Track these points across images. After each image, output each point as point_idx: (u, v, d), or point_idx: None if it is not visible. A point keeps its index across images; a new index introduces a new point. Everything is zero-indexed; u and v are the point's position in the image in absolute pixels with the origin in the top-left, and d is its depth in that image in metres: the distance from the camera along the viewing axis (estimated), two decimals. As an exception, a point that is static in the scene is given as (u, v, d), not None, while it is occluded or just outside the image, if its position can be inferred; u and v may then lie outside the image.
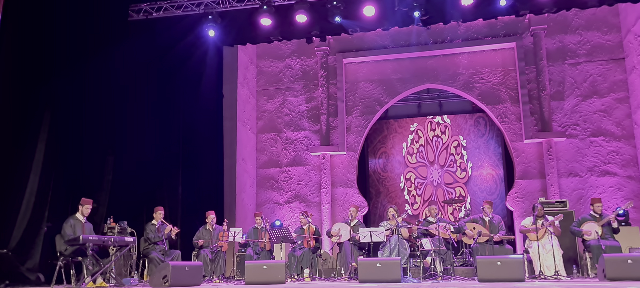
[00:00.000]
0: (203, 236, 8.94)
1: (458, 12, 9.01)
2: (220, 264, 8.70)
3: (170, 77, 9.99)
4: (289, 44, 11.98)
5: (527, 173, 10.76)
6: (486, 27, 11.21)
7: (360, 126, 11.72)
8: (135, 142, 9.37)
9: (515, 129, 10.93)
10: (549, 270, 7.70)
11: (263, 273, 7.39)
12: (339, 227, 8.99)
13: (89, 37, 8.82)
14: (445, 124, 11.85)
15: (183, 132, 10.10)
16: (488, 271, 6.96)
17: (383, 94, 11.72)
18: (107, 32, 9.12)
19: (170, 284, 6.83)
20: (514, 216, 10.67)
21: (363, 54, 11.81)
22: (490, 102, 11.16)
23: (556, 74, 10.89)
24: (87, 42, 8.79)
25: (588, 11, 10.50)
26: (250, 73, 12.04)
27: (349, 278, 8.34)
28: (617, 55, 10.65)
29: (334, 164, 11.69)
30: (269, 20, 9.34)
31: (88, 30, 8.81)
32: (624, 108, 10.47)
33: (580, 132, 10.62)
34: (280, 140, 12.06)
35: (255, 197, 11.88)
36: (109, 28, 9.21)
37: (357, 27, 9.38)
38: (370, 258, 7.97)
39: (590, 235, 7.87)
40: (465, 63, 11.40)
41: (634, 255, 6.94)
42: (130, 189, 9.09)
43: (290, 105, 12.14)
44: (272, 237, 8.67)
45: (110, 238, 7.46)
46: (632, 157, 10.27)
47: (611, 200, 10.11)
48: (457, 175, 11.58)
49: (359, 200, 11.36)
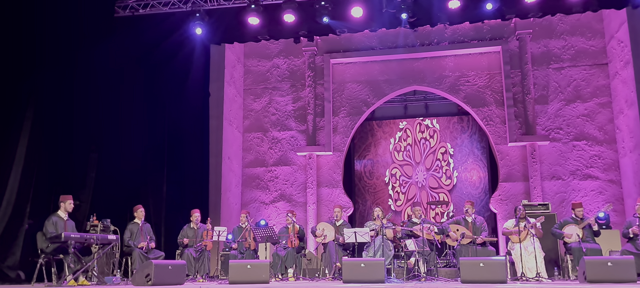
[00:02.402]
0: (187, 235, 8.90)
1: (445, 14, 9.07)
2: (204, 263, 8.67)
3: (156, 75, 9.93)
4: (277, 43, 11.96)
5: (511, 176, 10.86)
6: (473, 31, 11.30)
7: (347, 127, 11.74)
8: (120, 139, 9.30)
9: (500, 132, 11.03)
10: (530, 271, 7.78)
11: (247, 272, 7.37)
12: (324, 226, 9.00)
13: (73, 33, 8.74)
14: (434, 128, 11.92)
15: (168, 130, 10.04)
16: (471, 272, 7.01)
17: (370, 95, 11.76)
18: (92, 28, 9.05)
19: (153, 283, 6.78)
20: (498, 218, 10.76)
21: (350, 55, 11.84)
22: (476, 104, 11.24)
23: (541, 78, 11.01)
24: (72, 38, 8.71)
25: (573, 16, 10.62)
26: (238, 72, 12.01)
27: (333, 279, 8.36)
28: (601, 60, 10.79)
29: (320, 164, 11.70)
30: (256, 19, 9.33)
31: (73, 26, 8.73)
32: (607, 113, 10.61)
33: (563, 136, 10.74)
34: (267, 140, 12.04)
35: (241, 196, 11.85)
36: (94, 24, 9.14)
37: (345, 28, 9.41)
38: (355, 258, 7.99)
39: (572, 238, 7.97)
40: (451, 66, 11.48)
41: (614, 257, 7.06)
42: (114, 187, 9.02)
43: (277, 104, 12.13)
44: (256, 236, 8.66)
45: (92, 236, 7.41)
46: (614, 161, 10.42)
47: (593, 204, 10.24)
48: (442, 181, 11.65)
49: (345, 200, 11.39)
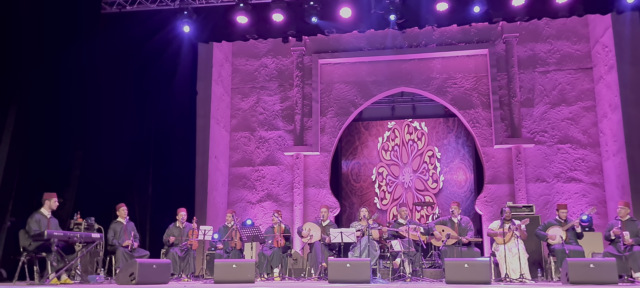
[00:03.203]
0: (173, 233, 8.85)
1: (433, 17, 9.13)
2: (189, 262, 8.62)
3: (143, 72, 9.87)
4: (265, 42, 11.93)
5: (497, 178, 10.95)
6: (460, 33, 11.37)
7: (335, 127, 11.76)
8: (106, 137, 9.22)
9: (486, 134, 11.12)
10: (514, 273, 7.85)
11: (232, 272, 7.35)
12: (310, 227, 9.00)
13: (59, 29, 8.65)
14: (422, 130, 11.98)
15: (155, 128, 9.98)
16: (455, 273, 7.06)
17: (358, 96, 11.78)
18: (78, 24, 8.96)
19: (138, 282, 6.73)
20: (483, 220, 10.84)
21: (339, 55, 11.85)
22: (463, 107, 11.32)
23: (526, 81, 11.12)
24: (57, 34, 8.62)
25: (559, 21, 10.73)
26: (225, 71, 11.97)
27: (318, 278, 8.36)
28: (586, 64, 10.92)
29: (307, 164, 11.70)
30: (245, 18, 9.31)
31: (58, 22, 8.64)
32: (591, 116, 10.74)
33: (548, 139, 10.85)
34: (254, 139, 12.02)
35: (227, 196, 11.81)
36: (81, 20, 9.05)
37: (334, 28, 9.41)
38: (340, 258, 8.00)
39: (555, 240, 8.06)
40: (439, 68, 11.54)
41: (596, 259, 7.15)
42: (99, 185, 8.95)
43: (265, 104, 12.10)
44: (242, 235, 8.63)
45: (76, 234, 7.34)
46: (597, 164, 10.55)
47: (576, 206, 10.36)
48: (428, 184, 11.71)
49: (331, 201, 11.40)
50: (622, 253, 7.57)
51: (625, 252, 7.57)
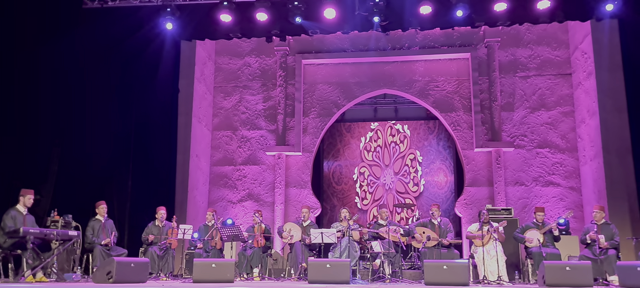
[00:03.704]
0: (152, 232, 8.78)
1: (416, 20, 9.17)
2: (168, 262, 8.56)
3: (124, 69, 9.77)
4: (249, 41, 11.89)
5: (476, 180, 11.06)
6: (443, 37, 11.46)
7: (317, 128, 11.76)
8: (85, 133, 9.12)
9: (467, 137, 11.22)
10: (492, 275, 7.94)
11: (212, 271, 7.31)
12: (290, 227, 8.99)
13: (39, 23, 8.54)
14: (405, 133, 12.05)
15: (135, 125, 9.89)
16: (434, 275, 7.12)
17: (340, 97, 11.80)
18: (59, 19, 8.86)
19: (115, 280, 6.66)
20: (462, 222, 10.94)
21: (322, 56, 11.86)
22: (444, 109, 11.41)
23: (507, 85, 11.25)
24: (37, 28, 8.51)
25: (539, 27, 10.89)
26: (208, 69, 11.90)
27: (298, 279, 8.35)
28: (565, 70, 11.09)
29: (289, 165, 11.69)
30: (228, 17, 9.26)
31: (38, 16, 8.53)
32: (569, 122, 10.91)
33: (527, 143, 11.00)
34: (236, 138, 11.96)
35: (208, 195, 11.74)
36: (62, 15, 8.94)
37: (317, 29, 9.42)
38: (320, 259, 8.01)
39: (532, 243, 8.17)
40: (421, 70, 11.62)
41: (572, 262, 7.26)
42: (77, 182, 8.84)
43: (248, 103, 12.06)
44: (223, 235, 8.59)
45: (52, 231, 7.23)
46: (575, 169, 10.71)
47: (554, 210, 10.51)
48: (409, 187, 11.79)
49: (313, 201, 11.40)
50: (597, 257, 7.71)
51: (601, 255, 7.71)
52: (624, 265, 6.96)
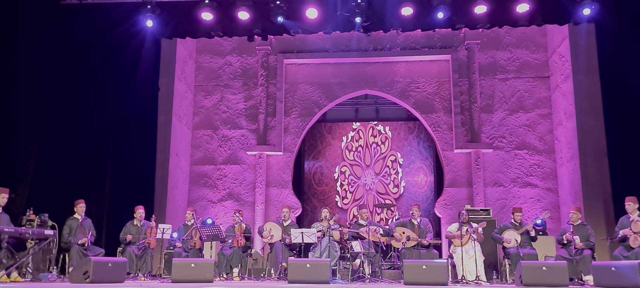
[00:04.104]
0: (130, 231, 8.68)
1: (398, 21, 9.23)
2: (147, 261, 8.47)
3: (103, 66, 9.64)
4: (230, 40, 11.83)
5: (456, 181, 11.16)
6: (424, 38, 11.55)
7: (298, 127, 11.75)
8: (62, 131, 8.99)
9: (447, 139, 11.31)
10: (470, 274, 8.02)
11: (191, 271, 7.25)
12: (271, 226, 8.97)
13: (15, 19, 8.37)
14: (386, 135, 12.10)
15: (114, 123, 9.77)
16: (414, 274, 7.17)
17: (322, 97, 11.81)
18: (36, 14, 8.70)
19: (92, 280, 6.57)
20: (442, 222, 11.03)
21: (304, 56, 11.85)
22: (425, 111, 11.49)
23: (487, 87, 11.37)
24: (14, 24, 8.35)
25: (519, 30, 11.03)
26: (189, 67, 11.81)
27: (278, 279, 8.34)
28: (543, 73, 11.25)
29: (270, 164, 11.66)
30: (210, 15, 9.20)
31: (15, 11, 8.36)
32: (547, 124, 11.07)
33: (506, 145, 11.13)
34: (217, 138, 11.89)
35: (188, 194, 11.65)
36: (39, 11, 8.78)
37: (299, 29, 9.41)
38: (301, 259, 8.00)
39: (510, 243, 8.27)
40: (402, 71, 11.69)
41: (548, 262, 7.37)
42: (54, 180, 8.71)
43: (229, 102, 11.99)
44: (202, 234, 8.53)
45: (28, 230, 7.11)
46: (552, 170, 10.88)
47: (531, 210, 10.66)
48: (389, 188, 11.85)
49: (293, 201, 11.38)
50: (573, 257, 7.83)
51: (576, 255, 7.84)
52: (598, 265, 7.09)
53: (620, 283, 6.52)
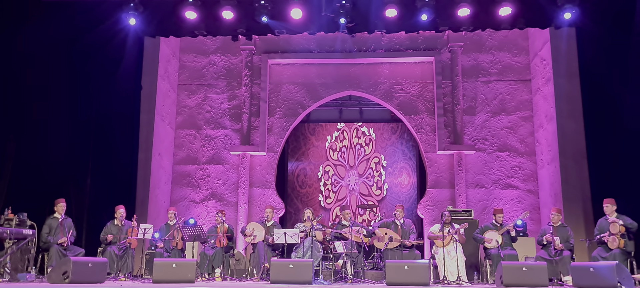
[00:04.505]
0: (111, 231, 8.59)
1: (382, 22, 9.25)
2: (127, 261, 8.39)
3: (84, 64, 9.52)
4: (214, 40, 11.78)
5: (439, 182, 11.23)
6: (408, 40, 11.61)
7: (282, 128, 11.73)
8: (42, 128, 8.85)
9: (430, 140, 11.39)
10: (452, 275, 8.08)
11: (172, 271, 7.20)
12: (254, 227, 8.94)
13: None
14: (370, 136, 12.15)
15: (95, 122, 9.65)
16: (396, 275, 7.20)
17: (306, 97, 11.81)
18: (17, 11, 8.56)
19: (71, 280, 6.49)
20: (424, 223, 11.10)
21: (288, 57, 11.84)
22: (408, 112, 11.55)
23: (469, 89, 11.47)
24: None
25: (501, 33, 11.15)
26: (172, 66, 11.72)
27: (260, 279, 8.32)
28: (525, 76, 11.39)
29: (253, 164, 11.62)
30: (194, 14, 9.13)
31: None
32: (528, 126, 11.20)
33: (488, 147, 11.24)
34: (200, 137, 11.82)
35: (170, 194, 11.56)
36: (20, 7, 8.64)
37: (284, 29, 9.38)
38: (283, 259, 7.99)
39: (491, 244, 8.36)
40: (386, 73, 11.74)
41: (528, 263, 7.46)
42: (34, 179, 8.58)
43: (212, 102, 11.93)
44: (184, 235, 8.47)
45: (5, 230, 7.00)
46: (533, 172, 11.01)
47: (512, 212, 10.77)
48: (373, 190, 11.90)
49: (276, 201, 11.36)
50: (552, 258, 7.94)
51: (556, 256, 7.95)
52: (577, 266, 7.19)
53: (598, 284, 6.63)
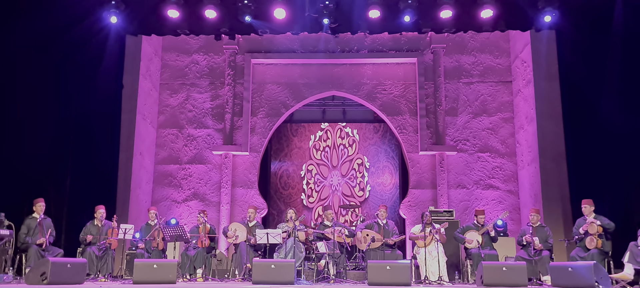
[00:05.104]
0: (90, 232, 8.48)
1: (365, 23, 9.28)
2: (107, 262, 8.29)
3: (64, 62, 9.38)
4: (197, 39, 11.70)
5: (421, 183, 11.31)
6: (391, 41, 11.67)
7: (265, 128, 11.70)
8: (20, 127, 8.71)
9: (412, 141, 11.45)
10: (433, 275, 8.14)
11: (153, 272, 7.14)
12: (236, 227, 8.91)
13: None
14: (354, 138, 12.18)
15: (76, 120, 9.52)
16: (378, 275, 7.24)
17: (289, 98, 11.80)
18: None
19: (50, 282, 6.40)
20: (406, 223, 11.15)
21: (272, 56, 11.82)
22: (391, 113, 11.60)
23: (452, 91, 11.56)
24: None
25: (483, 35, 11.26)
26: (154, 65, 11.62)
27: (242, 280, 8.29)
28: (506, 78, 11.51)
29: (236, 164, 11.58)
30: (176, 13, 9.06)
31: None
32: (509, 127, 11.33)
33: (469, 147, 11.34)
34: (182, 137, 11.73)
35: (152, 194, 11.45)
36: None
37: (267, 29, 9.36)
38: (265, 259, 7.97)
39: (472, 244, 8.45)
40: (369, 74, 11.78)
41: (508, 263, 7.55)
42: (11, 178, 8.44)
43: (195, 101, 11.86)
44: (165, 235, 8.41)
45: (-18, 230, 6.87)
46: (513, 173, 11.14)
47: (493, 212, 10.88)
48: (355, 191, 11.95)
49: (259, 201, 11.33)
50: (532, 258, 8.05)
51: (535, 256, 8.06)
52: (556, 266, 7.30)
53: (577, 284, 6.74)
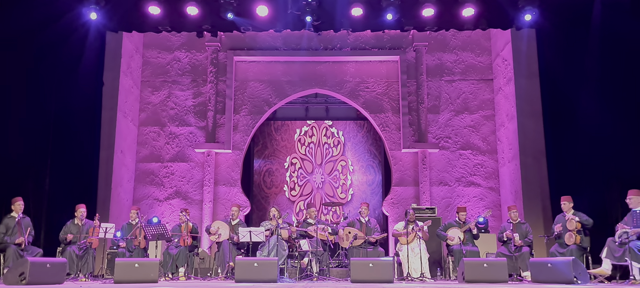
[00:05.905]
0: (71, 231, 8.38)
1: (348, 21, 9.29)
2: (88, 262, 8.20)
3: (44, 58, 9.24)
4: (179, 36, 11.62)
5: (403, 180, 11.37)
6: (374, 39, 11.70)
7: (248, 125, 11.66)
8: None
9: (395, 138, 11.51)
10: (415, 272, 8.21)
11: (135, 271, 7.08)
12: (219, 225, 8.87)
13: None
14: (339, 138, 12.21)
15: (55, 118, 9.38)
16: (360, 272, 7.27)
17: (272, 95, 11.77)
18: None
19: (28, 282, 6.30)
20: (389, 221, 11.21)
21: (254, 54, 11.77)
22: (374, 110, 11.65)
23: (434, 88, 11.64)
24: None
25: (464, 33, 11.35)
26: (135, 62, 11.50)
27: (225, 278, 8.26)
28: (487, 76, 11.63)
29: (219, 162, 11.52)
30: (157, 9, 8.98)
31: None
32: (490, 125, 11.45)
33: (451, 145, 11.43)
34: (164, 135, 11.64)
35: (133, 192, 11.34)
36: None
37: (250, 26, 9.32)
38: (248, 257, 7.95)
39: (454, 241, 8.52)
40: (352, 71, 11.80)
41: (489, 260, 7.64)
42: (-12, 178, 8.29)
43: (177, 99, 11.76)
44: (147, 234, 8.34)
45: (-41, 230, 6.74)
46: (494, 170, 11.26)
47: (475, 209, 10.99)
48: (338, 193, 11.99)
49: (242, 199, 11.29)
50: (512, 254, 8.16)
51: (515, 252, 8.17)
52: (535, 262, 7.40)
53: (556, 279, 6.84)
